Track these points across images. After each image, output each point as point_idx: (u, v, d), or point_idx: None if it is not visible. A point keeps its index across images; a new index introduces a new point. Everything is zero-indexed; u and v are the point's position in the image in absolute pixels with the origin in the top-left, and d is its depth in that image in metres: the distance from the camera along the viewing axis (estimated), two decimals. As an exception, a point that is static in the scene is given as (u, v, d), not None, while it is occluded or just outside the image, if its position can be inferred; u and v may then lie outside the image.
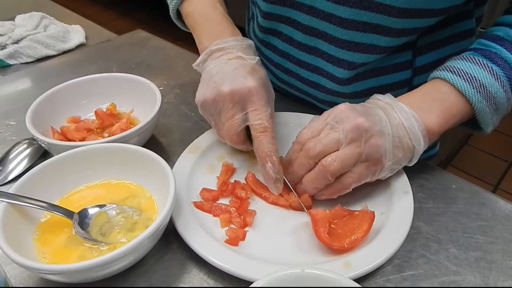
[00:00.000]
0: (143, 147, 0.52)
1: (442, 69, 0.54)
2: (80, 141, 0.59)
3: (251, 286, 0.35)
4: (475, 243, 0.49)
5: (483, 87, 0.51)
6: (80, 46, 0.92)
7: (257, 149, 0.52)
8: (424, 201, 0.54)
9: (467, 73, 0.51)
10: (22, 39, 0.87)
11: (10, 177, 0.58)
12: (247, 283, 0.39)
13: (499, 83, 0.51)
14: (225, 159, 0.59)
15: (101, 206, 0.49)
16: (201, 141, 0.60)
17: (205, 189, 0.53)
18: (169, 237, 0.49)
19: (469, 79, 0.51)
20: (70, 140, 0.59)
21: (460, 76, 0.52)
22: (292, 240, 0.49)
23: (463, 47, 0.62)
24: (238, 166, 0.58)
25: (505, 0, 0.59)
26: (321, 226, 0.47)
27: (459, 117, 0.53)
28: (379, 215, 0.49)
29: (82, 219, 0.47)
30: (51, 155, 0.52)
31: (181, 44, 0.92)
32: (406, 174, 0.54)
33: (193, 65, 0.59)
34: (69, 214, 0.47)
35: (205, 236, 0.47)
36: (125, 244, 0.40)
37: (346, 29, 0.57)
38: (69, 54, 0.89)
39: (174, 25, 0.68)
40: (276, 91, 0.59)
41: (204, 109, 0.56)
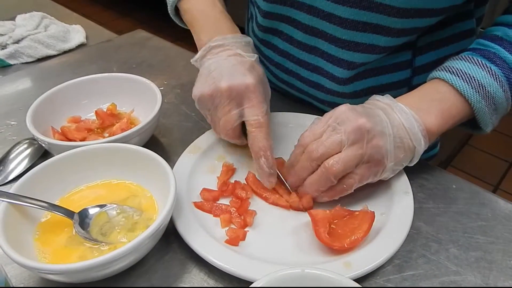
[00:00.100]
0: (143, 147, 0.52)
1: (440, 70, 0.54)
2: (80, 141, 0.59)
3: (251, 286, 0.35)
4: (475, 243, 0.49)
5: (482, 87, 0.51)
6: (80, 46, 0.92)
7: (252, 144, 0.53)
8: (424, 201, 0.54)
9: (465, 73, 0.51)
10: (22, 39, 0.87)
11: (10, 177, 0.58)
12: (247, 283, 0.39)
13: (498, 83, 0.51)
14: (225, 159, 0.59)
15: (101, 206, 0.49)
16: (202, 141, 0.60)
17: (205, 189, 0.53)
18: (170, 237, 0.49)
19: (467, 79, 0.51)
20: (70, 140, 0.59)
21: (458, 76, 0.52)
22: (292, 240, 0.49)
23: (463, 47, 0.62)
24: (238, 166, 0.58)
25: (505, 0, 0.59)
26: (321, 226, 0.47)
27: (458, 117, 0.53)
28: (379, 215, 0.49)
29: (82, 219, 0.48)
30: (52, 155, 0.52)
31: (181, 44, 0.92)
32: (406, 174, 0.54)
33: (191, 60, 0.59)
34: (69, 214, 0.47)
35: (205, 236, 0.47)
36: (125, 244, 0.40)
37: (346, 29, 0.57)
38: (69, 54, 0.89)
39: (174, 25, 0.68)
40: (276, 91, 0.59)
41: (201, 104, 0.56)
